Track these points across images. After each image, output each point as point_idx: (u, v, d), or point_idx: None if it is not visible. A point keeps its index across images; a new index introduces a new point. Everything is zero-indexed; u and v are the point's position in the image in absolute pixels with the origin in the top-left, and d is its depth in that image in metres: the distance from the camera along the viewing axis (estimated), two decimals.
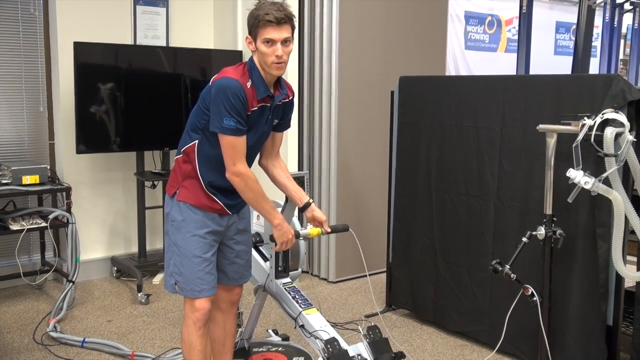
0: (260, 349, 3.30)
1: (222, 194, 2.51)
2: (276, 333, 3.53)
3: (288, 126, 2.71)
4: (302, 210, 2.72)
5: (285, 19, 2.36)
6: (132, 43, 4.67)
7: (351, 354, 2.61)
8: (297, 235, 2.71)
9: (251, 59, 2.45)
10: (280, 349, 3.32)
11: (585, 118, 2.72)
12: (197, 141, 2.46)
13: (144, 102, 4.45)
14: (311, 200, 2.71)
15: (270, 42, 2.35)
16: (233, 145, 2.36)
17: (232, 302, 2.76)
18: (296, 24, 2.49)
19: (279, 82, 2.53)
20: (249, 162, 2.56)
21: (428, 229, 3.75)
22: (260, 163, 2.72)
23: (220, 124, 2.32)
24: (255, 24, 2.36)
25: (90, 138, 4.26)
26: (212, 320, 2.74)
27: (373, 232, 4.68)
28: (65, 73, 4.32)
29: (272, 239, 2.67)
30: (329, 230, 2.78)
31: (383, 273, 4.31)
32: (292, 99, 2.67)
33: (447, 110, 3.62)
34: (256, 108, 2.42)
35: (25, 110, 4.46)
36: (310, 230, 2.75)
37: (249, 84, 2.38)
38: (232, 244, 2.64)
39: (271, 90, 2.47)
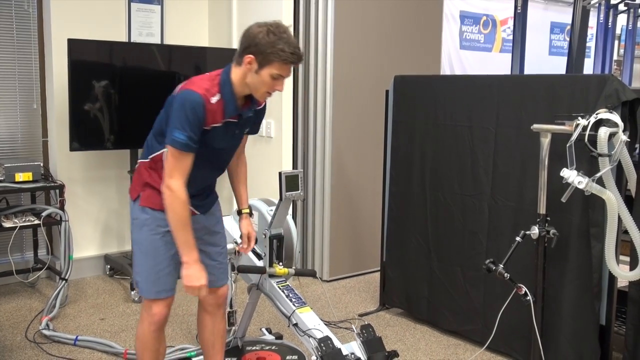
0: (254, 348, 3.30)
1: (189, 195, 2.43)
2: (270, 332, 3.52)
3: (256, 131, 2.64)
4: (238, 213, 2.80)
5: (301, 60, 2.31)
6: (127, 40, 4.66)
7: (344, 352, 2.62)
8: (262, 271, 2.95)
9: (227, 72, 2.32)
10: (273, 347, 3.32)
11: (579, 118, 2.72)
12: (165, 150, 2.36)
13: (138, 100, 4.43)
14: (245, 211, 2.74)
15: (278, 77, 2.28)
16: (177, 159, 2.25)
17: (217, 304, 2.69)
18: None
19: (250, 95, 2.40)
20: (218, 170, 2.54)
21: (422, 228, 3.75)
22: None
23: (171, 136, 2.22)
24: (271, 55, 2.22)
25: (84, 135, 4.25)
26: (201, 323, 2.73)
27: (367, 230, 4.68)
28: (59, 70, 4.31)
29: (240, 269, 2.86)
30: (293, 272, 2.99)
31: (377, 272, 4.31)
32: (264, 106, 2.57)
33: (441, 110, 3.62)
34: (220, 124, 2.33)
35: (18, 107, 4.44)
36: (278, 269, 2.91)
37: (215, 99, 2.27)
38: (200, 244, 2.51)
39: (240, 107, 2.38)
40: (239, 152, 2.69)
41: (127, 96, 4.37)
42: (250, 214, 2.79)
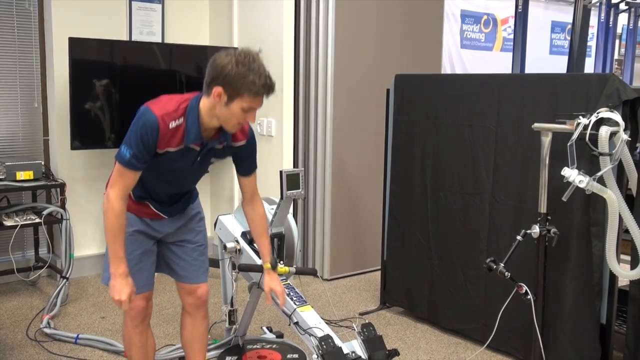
0: (255, 346, 3.30)
1: (154, 200, 2.46)
2: (270, 330, 3.53)
3: (250, 170, 2.56)
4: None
5: (273, 91, 2.19)
6: (128, 39, 4.66)
7: (345, 351, 2.62)
8: (259, 270, 2.82)
9: (197, 98, 2.25)
10: (274, 346, 3.32)
11: (580, 117, 2.73)
12: None
13: (139, 98, 4.39)
14: (266, 266, 2.65)
15: (250, 109, 2.18)
16: (120, 173, 2.23)
17: (196, 305, 2.66)
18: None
19: (221, 127, 2.31)
20: (179, 188, 2.49)
21: (423, 227, 3.76)
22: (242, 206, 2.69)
23: (120, 150, 2.20)
24: (241, 88, 2.12)
25: (85, 134, 4.25)
26: (181, 323, 2.74)
27: (368, 229, 4.68)
28: (60, 69, 4.31)
29: (240, 268, 2.81)
30: (294, 270, 2.88)
31: (378, 271, 4.32)
32: (245, 143, 2.46)
33: (442, 109, 3.62)
34: (175, 149, 2.27)
35: (19, 106, 4.44)
36: (278, 268, 2.81)
37: (174, 124, 2.20)
38: (177, 242, 2.59)
39: (205, 136, 2.29)
40: (249, 196, 2.59)
41: (128, 95, 4.38)
42: (274, 268, 2.66)
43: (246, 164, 2.54)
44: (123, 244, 2.29)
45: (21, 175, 3.99)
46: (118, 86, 4.33)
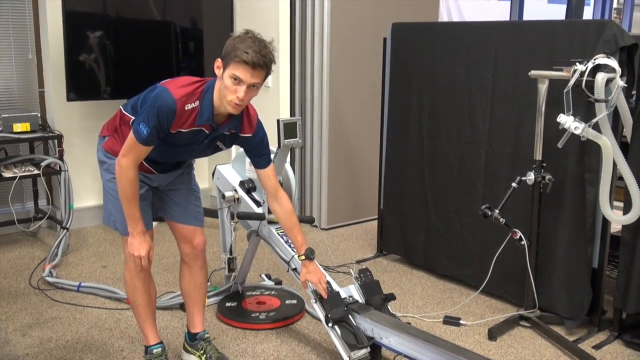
0: (254, 293, 3.37)
1: (152, 162, 2.50)
2: (269, 277, 3.59)
3: (264, 164, 2.57)
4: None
5: (262, 66, 2.22)
6: None
7: (343, 295, 2.68)
8: (262, 217, 2.97)
9: (213, 81, 2.34)
10: (273, 292, 3.39)
11: (577, 63, 2.73)
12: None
13: (133, 49, 4.39)
14: (301, 258, 2.65)
15: (237, 80, 2.22)
16: (134, 146, 2.30)
17: (193, 254, 2.70)
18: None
19: (235, 115, 2.37)
20: (176, 161, 2.57)
21: (419, 176, 3.79)
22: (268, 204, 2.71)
23: (137, 126, 2.27)
24: (230, 55, 2.21)
25: (81, 86, 4.23)
26: (180, 273, 2.78)
27: (365, 178, 4.72)
28: (53, 19, 4.24)
29: (239, 216, 2.93)
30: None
31: (374, 220, 4.37)
32: (252, 136, 2.49)
33: (439, 57, 3.61)
34: (186, 130, 2.32)
35: (13, 58, 4.40)
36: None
37: (190, 106, 2.28)
38: (171, 188, 2.66)
39: (216, 120, 2.35)
40: (272, 192, 2.61)
41: (123, 46, 4.33)
42: (308, 259, 2.64)
43: (257, 156, 2.57)
44: (138, 206, 2.37)
45: (18, 127, 3.99)
46: (112, 37, 4.28)
